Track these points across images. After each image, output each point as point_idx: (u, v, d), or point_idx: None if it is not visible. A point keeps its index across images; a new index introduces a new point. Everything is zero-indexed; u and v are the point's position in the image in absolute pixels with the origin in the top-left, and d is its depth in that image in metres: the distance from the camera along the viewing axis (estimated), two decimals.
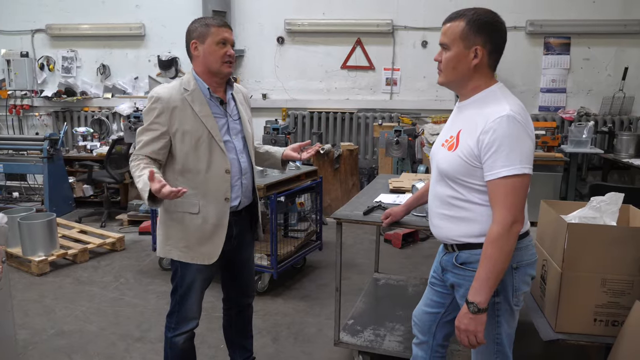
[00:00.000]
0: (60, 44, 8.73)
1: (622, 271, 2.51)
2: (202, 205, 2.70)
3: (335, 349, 3.72)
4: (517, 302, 2.23)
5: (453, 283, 2.32)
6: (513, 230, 2.02)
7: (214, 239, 2.75)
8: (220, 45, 2.64)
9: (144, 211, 6.90)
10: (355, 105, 8.25)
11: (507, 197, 2.02)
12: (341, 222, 3.34)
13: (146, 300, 4.66)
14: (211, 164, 2.68)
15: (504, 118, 1.99)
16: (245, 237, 3.02)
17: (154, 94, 2.66)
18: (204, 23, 2.66)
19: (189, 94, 2.66)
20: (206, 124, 2.65)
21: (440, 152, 2.26)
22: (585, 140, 7.00)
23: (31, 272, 5.19)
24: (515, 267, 2.17)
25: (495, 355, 2.28)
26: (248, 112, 2.96)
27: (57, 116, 8.75)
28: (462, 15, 2.13)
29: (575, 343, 2.60)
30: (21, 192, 8.34)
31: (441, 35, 2.18)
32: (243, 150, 2.83)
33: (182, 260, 2.77)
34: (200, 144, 2.65)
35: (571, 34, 7.66)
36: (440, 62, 2.19)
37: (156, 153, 2.64)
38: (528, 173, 2.04)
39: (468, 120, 2.14)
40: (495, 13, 2.18)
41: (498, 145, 2.00)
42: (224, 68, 2.67)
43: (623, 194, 2.67)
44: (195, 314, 2.88)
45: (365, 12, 7.97)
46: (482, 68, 2.13)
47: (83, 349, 3.84)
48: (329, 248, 5.86)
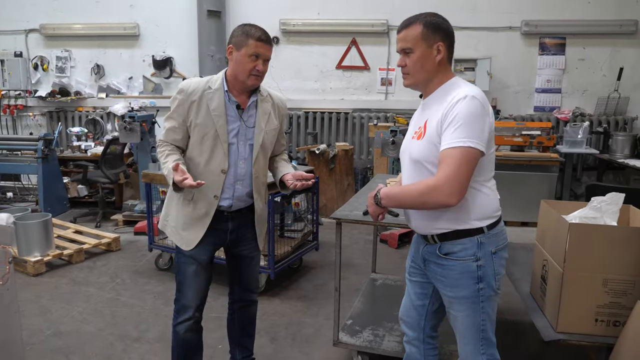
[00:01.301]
0: (54, 44, 8.70)
1: (624, 271, 2.51)
2: (196, 194, 2.84)
3: (334, 349, 3.72)
4: (499, 287, 2.38)
5: (437, 274, 2.41)
6: (440, 190, 2.13)
7: (196, 228, 2.88)
8: (253, 58, 2.70)
9: (139, 211, 6.87)
10: (350, 105, 8.25)
11: (449, 164, 2.13)
12: (341, 222, 3.34)
13: (143, 301, 4.64)
14: (210, 160, 2.81)
15: (464, 98, 2.15)
16: (246, 234, 3.06)
17: (181, 85, 2.83)
18: (245, 32, 2.72)
19: (210, 92, 2.79)
20: (216, 122, 2.76)
21: (410, 145, 2.39)
22: (580, 140, 7.02)
23: (27, 273, 5.16)
24: (494, 251, 2.32)
25: (481, 342, 2.41)
26: (274, 123, 2.96)
27: (51, 116, 8.71)
28: (415, 21, 2.28)
29: (576, 343, 2.60)
30: (15, 193, 8.32)
31: (400, 42, 2.32)
32: (247, 157, 2.87)
33: (170, 237, 3.01)
34: (205, 139, 2.79)
35: (566, 34, 7.68)
36: (404, 66, 2.33)
37: (177, 141, 2.86)
38: (475, 147, 2.13)
39: (433, 110, 2.28)
40: (441, 15, 2.33)
41: (455, 120, 2.14)
42: (250, 80, 2.75)
43: (624, 194, 2.67)
44: (190, 302, 2.96)
45: (360, 12, 7.98)
46: (443, 63, 2.30)
47: (80, 350, 3.82)
48: (325, 248, 5.87)
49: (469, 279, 2.30)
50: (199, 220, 2.87)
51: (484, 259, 2.29)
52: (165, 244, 5.28)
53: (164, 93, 8.48)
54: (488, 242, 2.29)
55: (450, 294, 2.38)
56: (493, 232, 2.32)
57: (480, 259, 2.28)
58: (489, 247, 2.29)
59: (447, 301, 2.43)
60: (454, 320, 2.43)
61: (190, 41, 8.02)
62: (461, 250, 2.29)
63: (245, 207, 2.98)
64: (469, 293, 2.32)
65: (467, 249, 2.29)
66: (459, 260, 2.29)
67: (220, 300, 4.56)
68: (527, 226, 6.83)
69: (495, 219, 2.34)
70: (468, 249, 2.29)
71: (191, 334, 3.01)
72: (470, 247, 2.28)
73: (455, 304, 2.38)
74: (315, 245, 5.46)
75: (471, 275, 2.30)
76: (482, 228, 2.29)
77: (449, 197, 2.12)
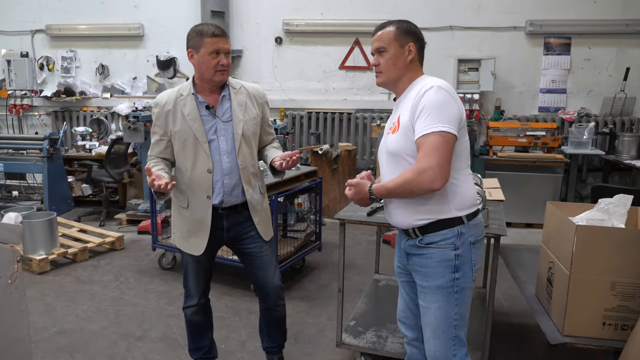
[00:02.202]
0: (59, 44, 8.72)
1: (632, 274, 2.49)
2: (190, 200, 2.97)
3: (336, 350, 3.71)
4: (474, 278, 2.44)
5: (416, 264, 2.46)
6: (424, 176, 2.20)
7: (199, 234, 2.99)
8: (214, 55, 2.77)
9: (143, 211, 6.87)
10: (353, 105, 8.23)
11: (427, 150, 2.20)
12: (344, 222, 3.34)
13: (147, 300, 4.64)
14: (196, 162, 2.90)
15: (430, 89, 2.26)
16: (248, 232, 3.09)
17: (155, 99, 2.98)
18: (198, 32, 2.79)
19: (182, 99, 2.90)
20: (192, 126, 2.86)
21: (386, 140, 2.48)
22: (585, 141, 7.00)
23: (32, 271, 5.16)
24: (473, 242, 2.39)
25: (453, 340, 2.42)
26: (252, 111, 3.00)
27: (57, 116, 8.74)
28: (389, 24, 2.46)
29: (583, 347, 2.58)
30: (20, 191, 8.35)
31: (375, 42, 2.47)
32: (230, 151, 2.93)
33: (179, 247, 3.12)
34: (187, 145, 2.89)
35: (571, 34, 7.64)
36: (378, 65, 2.47)
37: (162, 153, 2.98)
38: (448, 131, 2.21)
39: (405, 105, 2.38)
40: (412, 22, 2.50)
41: (424, 110, 2.24)
42: (217, 77, 2.83)
43: (632, 196, 2.65)
44: (193, 292, 3.18)
45: (364, 13, 7.95)
46: (414, 63, 2.44)
47: (84, 348, 3.82)
48: (328, 249, 5.86)
49: (446, 268, 2.36)
50: (200, 224, 2.97)
51: (462, 248, 2.35)
52: (168, 243, 5.28)
53: None
54: (468, 232, 2.36)
55: (425, 283, 2.42)
56: (472, 222, 2.39)
57: (458, 248, 2.35)
58: (468, 237, 2.37)
59: (422, 292, 2.46)
60: (426, 313, 2.46)
61: None
62: (442, 239, 2.36)
63: (240, 203, 3.01)
64: (444, 282, 2.37)
65: (447, 238, 2.35)
66: (439, 248, 2.36)
67: (223, 300, 4.56)
68: (531, 227, 6.82)
69: (474, 208, 2.42)
70: (448, 238, 2.35)
71: (197, 316, 3.24)
72: (450, 236, 2.35)
73: (429, 295, 2.42)
74: (318, 245, 5.45)
75: (448, 264, 2.36)
76: (462, 218, 2.35)
77: (432, 181, 2.19)
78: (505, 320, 4.33)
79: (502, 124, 7.17)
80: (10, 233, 2.60)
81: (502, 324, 4.20)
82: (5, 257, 2.57)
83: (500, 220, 3.29)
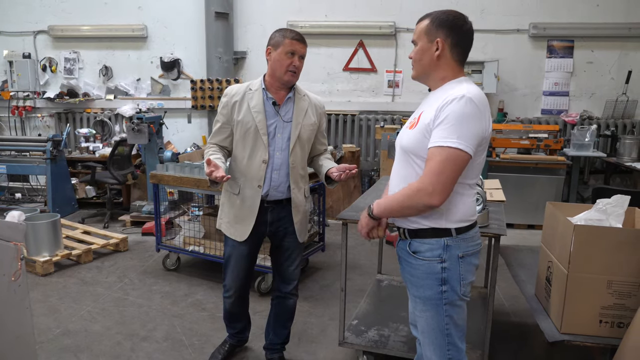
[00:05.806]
0: (62, 45, 8.74)
1: (628, 273, 2.52)
2: (242, 188, 3.15)
3: (339, 350, 3.74)
4: (465, 293, 2.35)
5: (406, 272, 2.44)
6: (419, 194, 2.15)
7: (246, 221, 3.17)
8: (289, 55, 3.00)
9: (147, 212, 6.90)
10: (357, 107, 8.26)
11: (433, 164, 2.13)
12: (347, 223, 3.37)
13: (151, 301, 4.67)
14: (253, 153, 3.09)
15: (460, 98, 2.13)
16: (288, 227, 3.27)
17: (226, 90, 3.20)
18: (281, 33, 3.04)
19: (250, 92, 3.11)
20: (255, 118, 3.05)
21: (403, 132, 2.40)
22: (587, 143, 7.02)
23: (36, 273, 5.18)
24: (462, 256, 2.30)
25: (448, 347, 2.38)
26: (311, 118, 3.20)
27: (60, 117, 8.75)
28: (428, 15, 2.34)
29: (580, 344, 2.61)
30: (24, 193, 8.34)
31: (413, 34, 2.39)
32: (284, 149, 3.11)
33: (225, 232, 3.29)
34: (247, 135, 3.08)
35: (574, 37, 7.67)
36: (411, 58, 2.40)
37: (222, 141, 3.20)
38: (463, 149, 2.11)
39: (430, 103, 2.27)
40: (459, 14, 2.36)
41: (447, 119, 2.13)
42: (287, 76, 3.03)
43: (629, 197, 2.68)
44: (231, 283, 3.38)
45: (368, 14, 7.98)
46: (446, 60, 2.30)
47: (89, 349, 3.85)
48: (331, 249, 5.88)
49: (433, 280, 2.30)
50: (248, 210, 3.15)
51: (449, 262, 2.28)
52: (172, 245, 5.31)
53: (171, 94, 8.53)
54: (455, 246, 2.29)
55: (415, 293, 2.40)
56: (463, 236, 2.30)
57: (445, 262, 2.28)
58: (456, 250, 2.28)
59: (413, 300, 2.46)
60: (419, 321, 2.44)
61: (198, 43, 8.07)
62: (428, 250, 2.30)
63: (285, 198, 3.18)
64: (432, 294, 2.32)
65: (433, 250, 2.29)
66: (425, 260, 2.31)
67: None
68: (533, 229, 6.84)
69: (468, 223, 2.33)
70: (434, 250, 2.29)
71: (233, 306, 3.48)
72: (436, 248, 2.29)
73: (419, 304, 2.39)
74: (321, 246, 5.47)
75: (435, 277, 2.30)
76: (451, 230, 2.28)
77: (430, 197, 2.13)
78: (506, 319, 4.35)
79: (505, 126, 7.20)
80: (13, 231, 2.63)
81: (502, 323, 4.22)
82: (9, 254, 2.61)
83: (501, 220, 3.32)
